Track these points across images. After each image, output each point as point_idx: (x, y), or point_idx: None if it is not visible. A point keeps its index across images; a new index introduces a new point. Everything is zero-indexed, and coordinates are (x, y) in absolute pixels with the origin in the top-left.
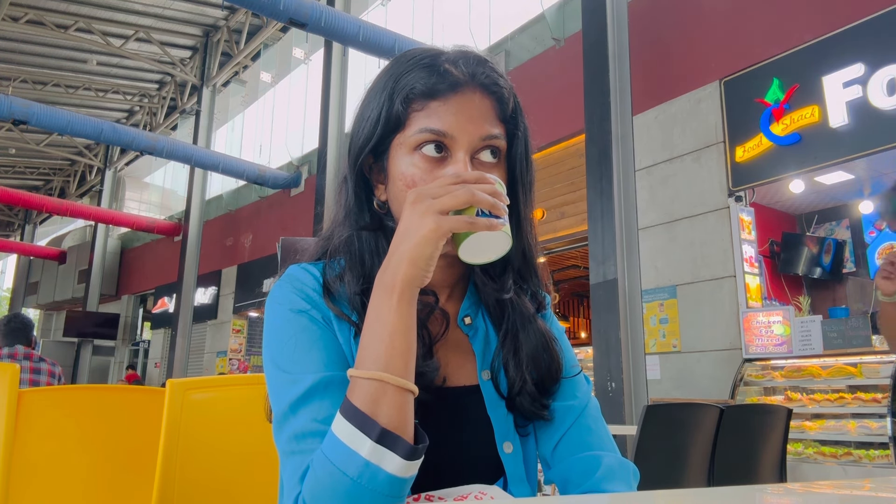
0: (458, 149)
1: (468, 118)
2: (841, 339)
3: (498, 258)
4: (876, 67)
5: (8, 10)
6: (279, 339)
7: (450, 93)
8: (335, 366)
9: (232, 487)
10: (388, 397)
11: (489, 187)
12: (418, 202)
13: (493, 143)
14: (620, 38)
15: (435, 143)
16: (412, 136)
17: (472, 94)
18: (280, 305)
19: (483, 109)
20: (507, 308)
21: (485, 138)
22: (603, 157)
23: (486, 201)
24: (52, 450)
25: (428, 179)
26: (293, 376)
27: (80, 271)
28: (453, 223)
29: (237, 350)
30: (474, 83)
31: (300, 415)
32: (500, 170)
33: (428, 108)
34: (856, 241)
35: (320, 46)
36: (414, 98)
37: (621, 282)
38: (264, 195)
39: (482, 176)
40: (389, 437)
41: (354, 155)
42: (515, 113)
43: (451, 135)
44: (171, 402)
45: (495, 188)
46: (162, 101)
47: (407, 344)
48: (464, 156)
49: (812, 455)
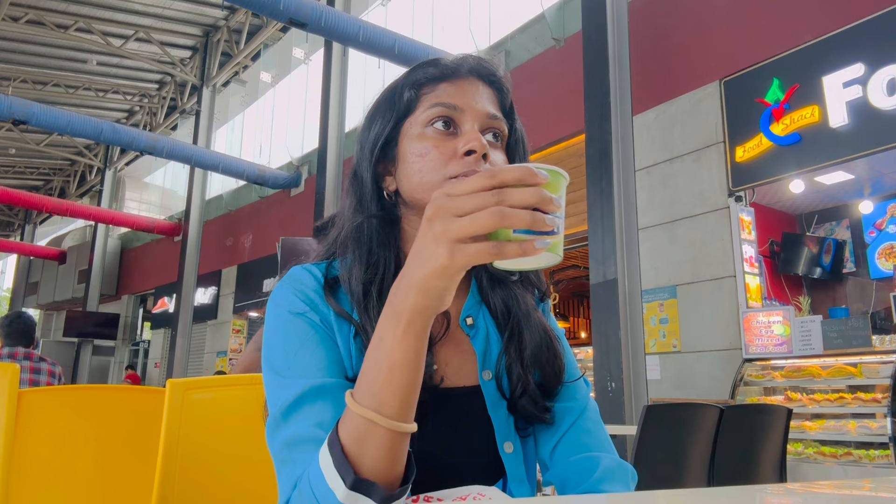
0: (468, 121)
1: (474, 97)
2: (841, 339)
3: (540, 268)
4: (876, 67)
5: (8, 10)
6: (276, 341)
7: (455, 77)
8: (329, 371)
9: (232, 487)
10: (376, 439)
11: (530, 195)
12: (436, 218)
13: (496, 124)
14: (620, 38)
15: (444, 120)
16: (423, 112)
17: (475, 81)
18: (279, 307)
19: (486, 94)
20: (513, 306)
21: (491, 117)
22: (603, 157)
23: (523, 220)
24: (52, 450)
25: (440, 150)
26: (286, 381)
27: (80, 271)
28: (472, 256)
29: (237, 350)
30: (476, 74)
31: (291, 422)
32: (503, 155)
33: (437, 88)
34: (856, 241)
35: (320, 46)
36: (424, 83)
37: (621, 282)
38: (264, 195)
39: (525, 173)
40: (365, 484)
41: (370, 144)
42: (512, 109)
43: (461, 108)
44: (171, 402)
45: (540, 193)
46: (162, 101)
47: (408, 378)
48: (472, 127)
49: (812, 455)
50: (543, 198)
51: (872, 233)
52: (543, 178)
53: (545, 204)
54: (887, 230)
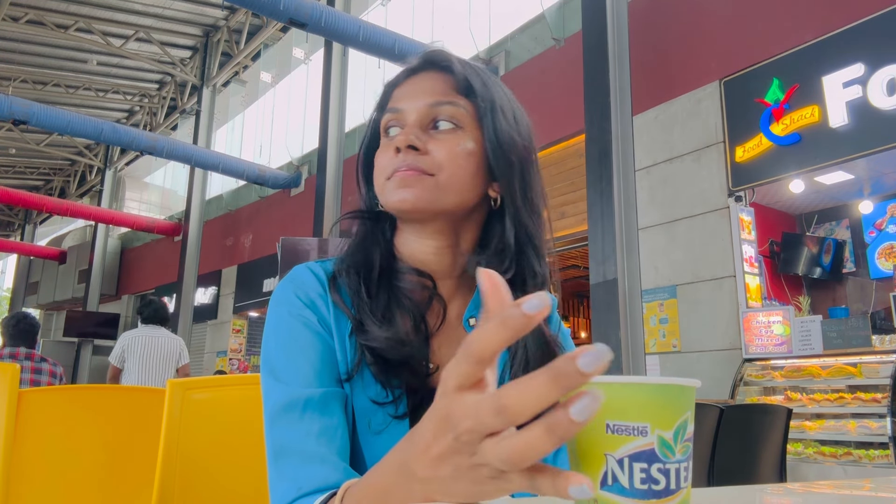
0: (406, 121)
1: (418, 93)
2: (841, 339)
3: None
4: (876, 67)
5: (8, 10)
6: (272, 342)
7: (405, 79)
8: (320, 379)
9: (232, 487)
10: None
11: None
12: (441, 435)
13: (439, 111)
14: (620, 38)
15: (392, 125)
16: (382, 125)
17: (424, 75)
18: (279, 306)
19: (435, 83)
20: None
21: (433, 105)
22: (603, 157)
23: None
24: (52, 450)
25: (386, 155)
26: (279, 384)
27: (80, 271)
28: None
29: (237, 350)
30: (427, 66)
31: (278, 427)
32: (466, 138)
33: (392, 98)
34: (856, 241)
35: (320, 46)
36: (391, 89)
37: (621, 282)
38: (264, 195)
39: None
40: None
41: (360, 149)
42: (477, 87)
43: (401, 109)
44: (171, 402)
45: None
46: (162, 101)
47: None
48: (410, 127)
49: (812, 455)
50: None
51: (872, 233)
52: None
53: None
54: (887, 230)
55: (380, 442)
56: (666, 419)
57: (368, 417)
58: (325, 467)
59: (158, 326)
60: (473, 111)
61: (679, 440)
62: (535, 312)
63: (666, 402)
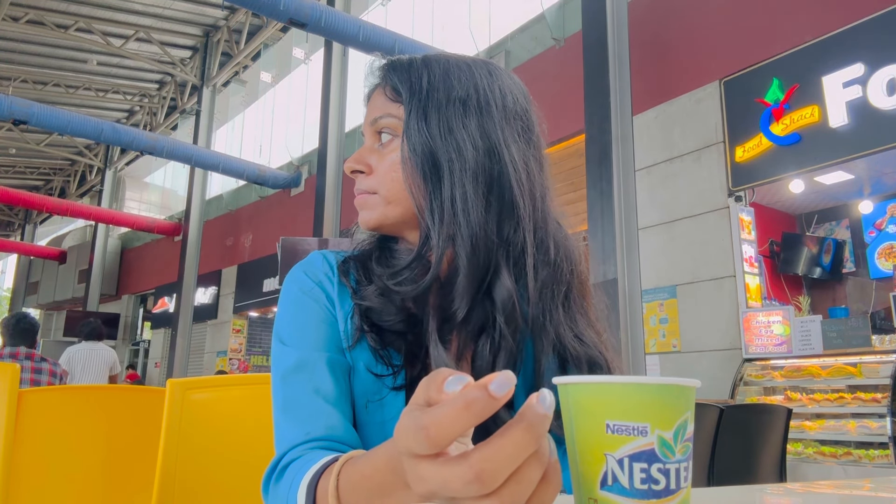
0: (365, 144)
1: (368, 113)
2: (841, 339)
3: None
4: (876, 67)
5: (8, 10)
6: (284, 314)
7: (366, 104)
8: (327, 346)
9: (232, 487)
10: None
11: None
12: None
13: (382, 124)
14: (620, 38)
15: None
16: None
17: (375, 93)
18: (291, 285)
19: (377, 98)
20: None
21: (373, 122)
22: (603, 157)
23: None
24: (52, 450)
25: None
26: (289, 348)
27: (81, 271)
28: None
29: (237, 350)
30: (376, 82)
31: (289, 385)
32: (398, 146)
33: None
34: (856, 241)
35: (320, 46)
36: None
37: (621, 282)
38: (264, 195)
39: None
40: None
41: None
42: (405, 90)
43: (363, 133)
44: (171, 402)
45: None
46: (162, 101)
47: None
48: (360, 150)
49: (812, 455)
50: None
51: (872, 233)
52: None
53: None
54: (887, 230)
55: (378, 413)
56: (666, 419)
57: (367, 388)
58: (332, 419)
59: (96, 341)
60: (409, 105)
61: (679, 440)
62: (502, 395)
63: (666, 402)
